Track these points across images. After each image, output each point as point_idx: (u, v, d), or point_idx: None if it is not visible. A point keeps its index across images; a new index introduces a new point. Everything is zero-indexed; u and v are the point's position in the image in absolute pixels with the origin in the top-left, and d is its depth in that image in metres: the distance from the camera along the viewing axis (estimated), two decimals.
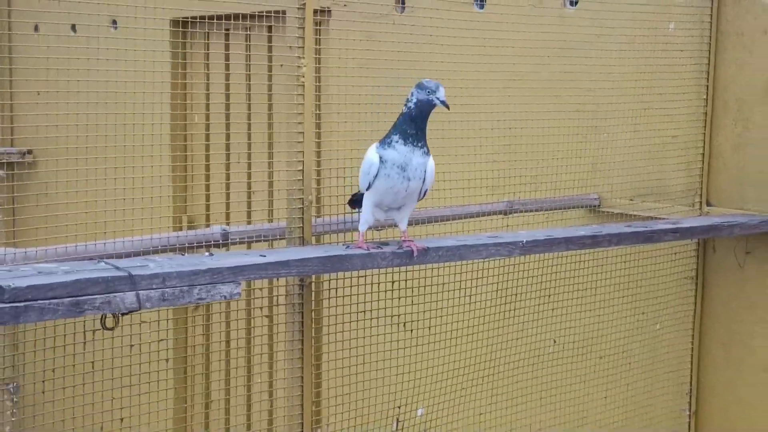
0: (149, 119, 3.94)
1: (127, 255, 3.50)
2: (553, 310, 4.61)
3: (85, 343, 3.49)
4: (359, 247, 3.44)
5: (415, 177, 3.34)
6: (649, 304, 4.80)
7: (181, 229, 5.50)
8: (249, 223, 4.32)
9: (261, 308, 4.06)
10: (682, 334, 4.82)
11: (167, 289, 3.06)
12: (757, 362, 4.60)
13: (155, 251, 3.62)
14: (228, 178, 4.95)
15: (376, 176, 3.35)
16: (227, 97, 5.43)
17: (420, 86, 3.34)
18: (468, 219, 4.44)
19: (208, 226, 4.04)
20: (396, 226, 3.56)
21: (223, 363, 4.84)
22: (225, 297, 3.18)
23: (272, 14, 3.88)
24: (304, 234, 3.67)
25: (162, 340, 3.65)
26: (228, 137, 5.55)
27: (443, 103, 3.33)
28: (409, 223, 3.86)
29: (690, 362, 4.83)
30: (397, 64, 4.29)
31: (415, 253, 3.47)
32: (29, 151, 7.14)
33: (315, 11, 3.69)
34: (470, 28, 4.81)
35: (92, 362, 3.57)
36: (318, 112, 3.82)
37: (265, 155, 4.89)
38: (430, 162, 3.38)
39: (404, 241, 3.51)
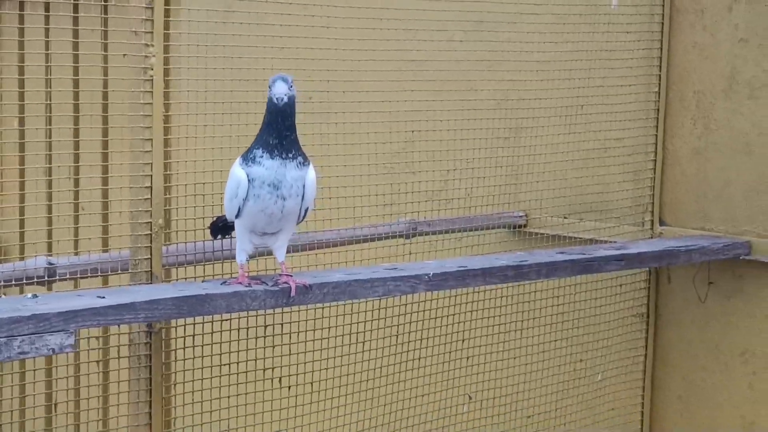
0: None
1: None
2: (468, 358, 4.85)
3: None
4: (239, 282, 3.61)
5: (292, 195, 3.52)
6: (589, 349, 5.08)
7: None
8: (77, 253, 4.44)
9: (98, 362, 4.19)
10: (630, 385, 5.11)
11: None
12: (724, 420, 4.90)
13: None
14: (50, 198, 5.06)
15: (245, 197, 3.52)
16: (48, 95, 5.54)
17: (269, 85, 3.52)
18: (360, 244, 4.63)
19: (22, 258, 4.15)
20: (272, 254, 3.74)
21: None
22: (54, 350, 3.32)
23: None
24: (152, 267, 3.82)
25: None
26: (49, 146, 5.68)
27: (275, 98, 3.47)
28: (290, 251, 4.05)
29: (640, 421, 5.11)
30: (264, 49, 4.47)
31: (293, 292, 3.63)
32: None
33: None
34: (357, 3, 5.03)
35: None
36: (168, 113, 3.97)
37: (99, 168, 5.02)
38: (310, 174, 3.56)
39: (281, 275, 3.68)
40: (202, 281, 3.77)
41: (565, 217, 5.14)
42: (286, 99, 3.47)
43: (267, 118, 3.50)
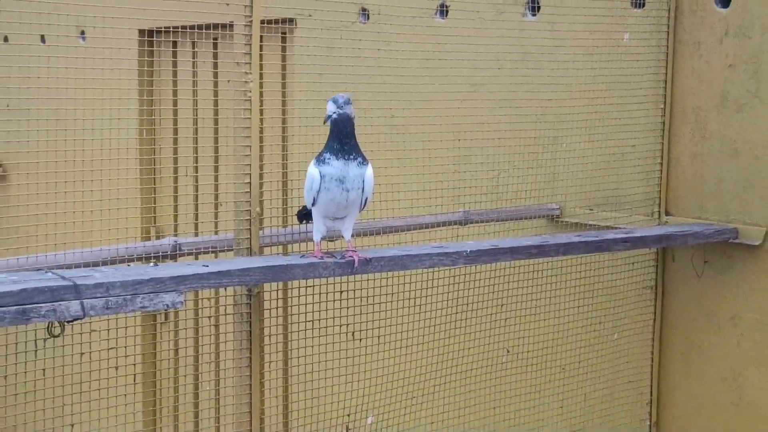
0: (116, 132, 4.38)
1: (86, 265, 3.94)
2: (506, 319, 5.00)
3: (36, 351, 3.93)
4: (314, 256, 3.85)
5: (354, 187, 3.74)
6: (608, 314, 5.17)
7: (148, 239, 5.96)
8: (196, 234, 4.72)
9: (210, 317, 4.48)
10: (642, 343, 5.19)
11: (111, 298, 3.47)
12: (716, 372, 4.96)
13: (111, 262, 4.04)
14: (175, 191, 5.37)
15: (318, 190, 3.75)
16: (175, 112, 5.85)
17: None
18: (422, 230, 4.85)
19: (158, 237, 4.46)
20: (342, 237, 3.98)
21: (173, 371, 5.28)
22: (168, 306, 3.59)
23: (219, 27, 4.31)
24: (251, 245, 4.09)
25: (111, 348, 4.08)
26: (176, 150, 5.99)
27: (328, 117, 3.70)
28: (364, 234, 4.31)
29: (650, 372, 5.19)
30: (357, 77, 4.72)
31: (356, 264, 3.86)
32: None
33: (269, 21, 4.13)
34: (431, 36, 5.25)
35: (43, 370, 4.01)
36: (263, 126, 4.23)
37: (213, 168, 5.31)
38: (368, 172, 3.76)
39: (347, 251, 3.92)
40: (285, 255, 4.03)
41: (590, 209, 5.24)
42: (336, 116, 3.69)
43: (330, 129, 3.73)
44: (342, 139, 3.72)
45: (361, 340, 4.60)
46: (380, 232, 4.67)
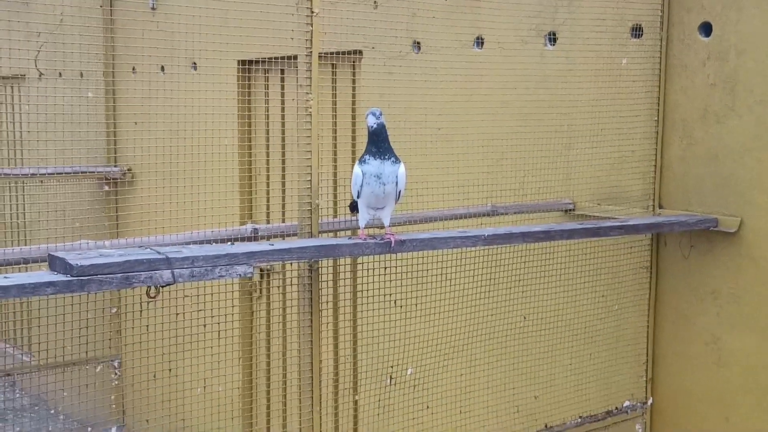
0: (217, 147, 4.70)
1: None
2: (523, 292, 5.20)
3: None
4: (359, 238, 4.11)
5: (389, 182, 3.97)
6: (611, 289, 5.32)
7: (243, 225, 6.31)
8: (268, 222, 5.03)
9: (279, 287, 4.77)
10: (639, 313, 5.33)
11: (195, 269, 3.76)
12: (699, 337, 5.09)
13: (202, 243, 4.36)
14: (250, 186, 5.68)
15: (361, 185, 4.02)
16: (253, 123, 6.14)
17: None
18: (456, 220, 5.07)
19: (243, 224, 4.76)
20: (382, 224, 4.24)
21: (258, 333, 5.59)
22: (240, 275, 3.88)
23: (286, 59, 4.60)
24: (312, 230, 4.36)
25: (201, 309, 4.41)
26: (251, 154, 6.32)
27: (370, 127, 3.95)
28: (408, 223, 4.56)
29: (646, 337, 5.32)
30: (411, 96, 4.99)
31: (393, 244, 4.12)
32: (129, 170, 7.97)
33: (337, 53, 4.40)
34: (470, 63, 5.48)
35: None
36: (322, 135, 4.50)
37: (281, 169, 5.61)
38: (401, 169, 3.99)
39: (386, 235, 4.17)
40: (336, 237, 4.31)
41: (598, 203, 5.40)
42: (375, 125, 3.94)
43: (368, 137, 3.99)
44: (378, 144, 3.96)
45: (402, 307, 4.83)
46: (421, 221, 4.90)
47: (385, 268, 4.67)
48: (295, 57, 4.34)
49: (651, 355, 5.34)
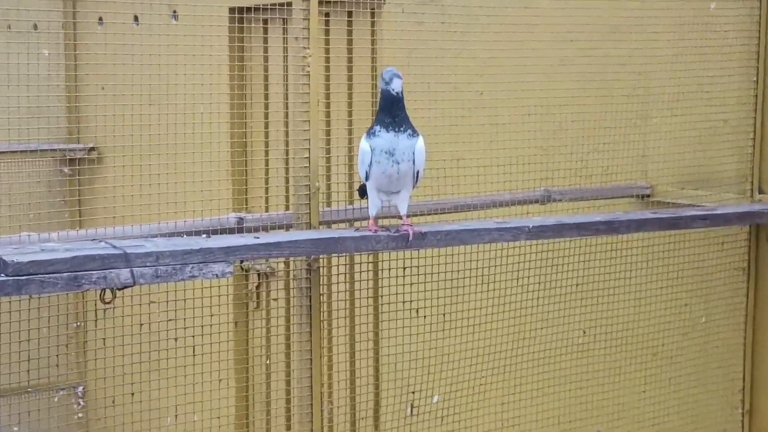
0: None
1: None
2: (581, 299, 5.24)
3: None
4: (368, 230, 4.17)
5: (404, 160, 4.03)
6: (695, 296, 5.35)
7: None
8: (267, 212, 5.06)
9: (274, 291, 4.81)
10: (733, 327, 5.34)
11: (160, 267, 3.85)
12: None
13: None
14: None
15: (370, 164, 4.07)
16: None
17: (381, 76, 4.05)
18: (498, 208, 5.09)
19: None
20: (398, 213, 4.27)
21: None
22: (217, 275, 3.95)
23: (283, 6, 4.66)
24: (311, 220, 4.42)
25: (171, 320, 4.48)
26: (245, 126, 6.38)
27: (398, 94, 4.00)
28: (434, 212, 4.61)
29: (743, 357, 5.34)
30: (445, 52, 5.03)
31: (411, 237, 4.16)
32: (94, 147, 8.06)
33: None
34: (519, 9, 5.50)
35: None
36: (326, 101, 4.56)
37: (282, 144, 5.67)
38: (419, 143, 4.05)
39: (402, 225, 4.21)
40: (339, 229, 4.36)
41: (681, 188, 5.42)
42: (400, 91, 3.99)
43: (382, 104, 4.03)
44: (394, 112, 4.02)
45: (425, 317, 4.88)
46: (452, 210, 4.94)
47: (404, 268, 4.72)
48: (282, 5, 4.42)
49: (749, 380, 5.35)
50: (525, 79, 5.31)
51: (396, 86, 4.01)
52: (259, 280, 5.97)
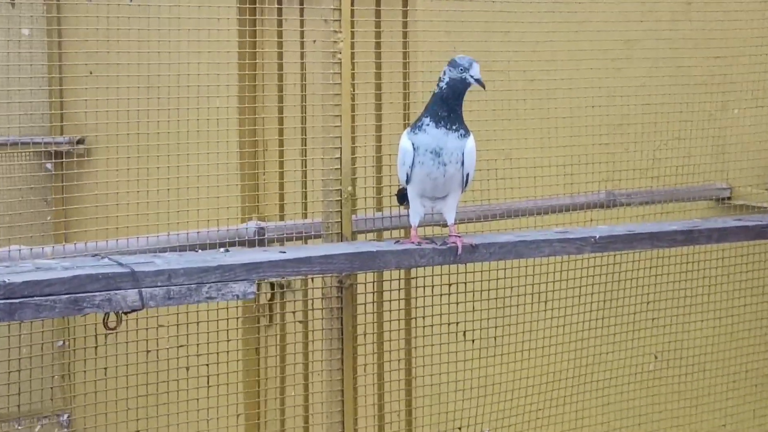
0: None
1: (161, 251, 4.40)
2: (653, 319, 5.28)
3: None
4: (410, 242, 4.21)
5: (452, 161, 4.06)
6: None
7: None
8: (282, 219, 5.11)
9: (294, 312, 4.88)
10: None
11: (173, 287, 3.88)
12: None
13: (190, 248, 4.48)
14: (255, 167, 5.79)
15: (412, 165, 4.10)
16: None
17: (452, 64, 4.03)
18: (556, 214, 5.13)
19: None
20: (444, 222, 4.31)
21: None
22: (238, 296, 4.00)
23: None
24: (342, 230, 4.45)
25: (182, 345, 4.56)
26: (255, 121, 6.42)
27: (478, 81, 4.01)
28: (481, 218, 4.67)
29: None
30: (491, 34, 5.07)
31: (460, 250, 4.20)
32: (81, 140, 8.11)
33: None
34: None
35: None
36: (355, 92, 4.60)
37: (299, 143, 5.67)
38: (469, 144, 4.08)
39: (450, 236, 4.24)
40: (378, 241, 4.42)
41: (766, 189, 5.44)
42: (479, 79, 4.00)
43: (444, 94, 4.03)
44: (453, 106, 4.05)
45: (474, 341, 4.92)
46: (503, 217, 4.99)
47: (449, 285, 4.78)
48: None
49: None
50: (584, 66, 5.36)
51: (475, 72, 4.02)
52: (272, 290, 6.00)
